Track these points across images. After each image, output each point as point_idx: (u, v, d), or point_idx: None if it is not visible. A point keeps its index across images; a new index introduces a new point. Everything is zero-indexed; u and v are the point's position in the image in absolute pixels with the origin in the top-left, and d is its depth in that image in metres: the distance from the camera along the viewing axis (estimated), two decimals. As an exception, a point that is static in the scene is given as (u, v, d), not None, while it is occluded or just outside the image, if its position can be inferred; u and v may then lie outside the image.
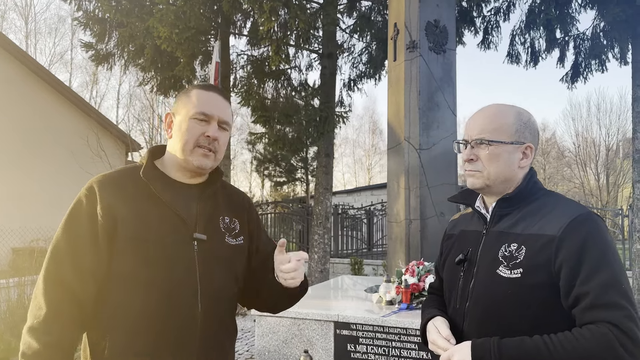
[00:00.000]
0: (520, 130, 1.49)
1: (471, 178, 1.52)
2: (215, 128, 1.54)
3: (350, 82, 11.02)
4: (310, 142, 9.52)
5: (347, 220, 13.94)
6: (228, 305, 1.60)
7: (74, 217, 1.47)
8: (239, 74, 10.14)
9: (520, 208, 1.48)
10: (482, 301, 1.44)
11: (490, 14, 10.17)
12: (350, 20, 10.67)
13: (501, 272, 1.40)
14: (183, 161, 1.54)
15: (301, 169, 20.88)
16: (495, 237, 1.48)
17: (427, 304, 1.73)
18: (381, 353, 3.70)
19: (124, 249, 1.43)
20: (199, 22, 7.87)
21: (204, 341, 1.50)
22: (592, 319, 1.27)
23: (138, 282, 1.43)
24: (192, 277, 1.48)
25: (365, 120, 41.36)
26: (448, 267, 1.63)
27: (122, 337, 1.42)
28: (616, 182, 28.25)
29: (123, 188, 1.49)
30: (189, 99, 1.56)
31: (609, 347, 1.23)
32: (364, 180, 40.76)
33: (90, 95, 29.65)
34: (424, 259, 4.60)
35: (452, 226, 1.73)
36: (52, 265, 1.42)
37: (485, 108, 1.55)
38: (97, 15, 9.25)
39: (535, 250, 1.36)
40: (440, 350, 1.46)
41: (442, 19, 5.25)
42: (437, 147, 5.06)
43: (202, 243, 1.51)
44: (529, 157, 1.50)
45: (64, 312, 1.39)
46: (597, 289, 1.28)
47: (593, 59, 9.55)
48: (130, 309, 1.42)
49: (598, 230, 1.36)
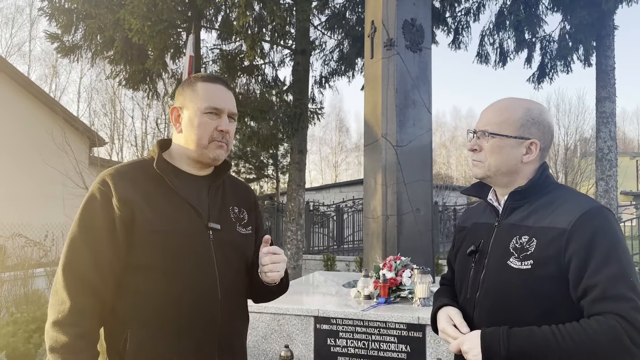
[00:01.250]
0: (526, 125, 1.50)
1: (474, 168, 1.57)
2: (226, 121, 1.57)
3: (321, 79, 11.06)
4: (285, 139, 9.51)
5: (317, 217, 13.98)
6: (243, 292, 1.65)
7: (88, 210, 1.46)
8: (213, 69, 10.01)
9: (532, 201, 1.50)
10: (493, 291, 1.47)
11: (461, 14, 10.37)
12: (323, 17, 10.70)
13: (512, 263, 1.43)
14: (198, 155, 1.57)
15: (271, 166, 20.79)
16: (507, 229, 1.50)
17: (438, 294, 1.76)
18: (361, 347, 3.73)
19: (143, 240, 1.45)
20: (172, 14, 7.74)
21: (225, 328, 1.53)
22: (600, 310, 1.29)
23: (158, 273, 1.45)
24: (211, 266, 1.51)
25: (332, 117, 41.55)
26: (460, 259, 1.67)
27: (144, 329, 1.42)
28: (574, 180, 29.21)
29: (136, 180, 1.51)
30: (196, 92, 1.57)
31: (616, 338, 1.25)
32: (330, 177, 40.95)
33: (49, 89, 28.72)
34: (401, 253, 4.67)
35: (465, 219, 1.76)
36: (70, 259, 1.42)
37: (498, 101, 1.59)
38: (63, 5, 8.97)
39: (546, 243, 1.39)
40: (450, 338, 1.49)
41: (419, 18, 5.32)
42: (413, 144, 5.13)
43: (217, 232, 1.54)
44: (533, 153, 1.51)
45: (87, 304, 1.39)
46: (605, 282, 1.30)
47: (559, 60, 9.85)
48: (151, 300, 1.44)
49: (608, 225, 1.38)
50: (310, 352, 3.82)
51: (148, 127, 23.68)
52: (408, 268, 4.35)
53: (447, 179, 32.06)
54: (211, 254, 1.52)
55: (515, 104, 1.55)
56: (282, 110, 9.07)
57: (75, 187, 8.97)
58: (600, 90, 9.24)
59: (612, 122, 9.20)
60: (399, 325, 3.64)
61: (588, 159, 27.22)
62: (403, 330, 3.63)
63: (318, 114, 9.88)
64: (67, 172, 9.12)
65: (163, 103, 18.98)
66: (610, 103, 9.16)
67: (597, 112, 9.39)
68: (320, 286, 5.24)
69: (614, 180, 9.17)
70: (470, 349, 1.37)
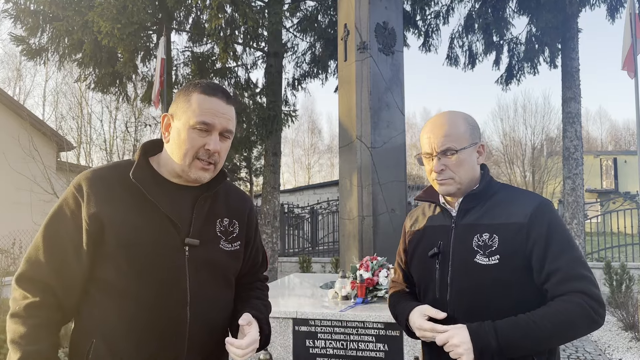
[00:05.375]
0: (472, 132, 1.64)
1: (444, 186, 1.63)
2: (216, 140, 1.43)
3: (294, 82, 11.06)
4: (259, 141, 9.48)
5: (292, 220, 13.97)
6: (223, 314, 1.53)
7: (58, 217, 1.39)
8: (184, 71, 9.92)
9: (483, 202, 1.62)
10: (466, 289, 1.55)
11: (431, 17, 10.53)
12: (295, 19, 10.71)
13: (479, 260, 1.53)
14: (180, 170, 1.45)
15: (244, 169, 20.68)
16: (465, 229, 1.60)
17: (398, 299, 1.80)
18: (339, 347, 3.76)
19: (109, 255, 1.36)
20: (142, 17, 7.63)
21: (194, 351, 1.43)
22: (565, 290, 1.45)
23: (121, 291, 1.36)
24: (182, 286, 1.40)
25: (304, 119, 41.56)
26: (419, 262, 1.72)
27: (108, 343, 1.36)
28: (541, 179, 29.96)
29: (112, 188, 1.40)
30: (189, 103, 1.43)
31: (584, 312, 1.43)
32: (303, 179, 40.95)
33: (13, 92, 27.90)
34: (377, 254, 4.72)
35: (413, 222, 1.83)
36: (30, 267, 1.36)
37: (437, 120, 1.66)
38: (28, 7, 8.74)
39: (508, 237, 1.52)
40: (428, 333, 1.54)
41: (391, 21, 5.39)
42: (387, 145, 5.20)
43: (194, 249, 1.43)
44: (482, 154, 1.67)
45: (46, 299, 1.34)
46: (566, 265, 1.48)
47: (526, 62, 10.09)
48: (114, 317, 1.36)
49: (557, 215, 1.57)
50: (289, 354, 3.83)
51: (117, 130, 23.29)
52: (384, 268, 4.40)
53: (417, 179, 32.45)
54: (184, 272, 1.40)
55: (455, 117, 1.65)
56: (256, 113, 9.04)
57: (43, 193, 8.75)
58: (566, 91, 9.51)
59: (577, 122, 9.48)
60: (376, 325, 3.69)
61: (554, 157, 27.95)
62: (381, 330, 3.68)
63: (292, 116, 9.89)
64: (35, 178, 8.90)
65: (133, 106, 18.67)
66: (575, 103, 9.44)
67: (563, 112, 9.65)
68: (296, 288, 5.25)
69: (580, 178, 9.44)
70: (462, 342, 1.43)
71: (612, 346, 5.92)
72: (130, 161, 1.49)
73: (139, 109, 20.35)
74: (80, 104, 23.03)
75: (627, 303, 6.69)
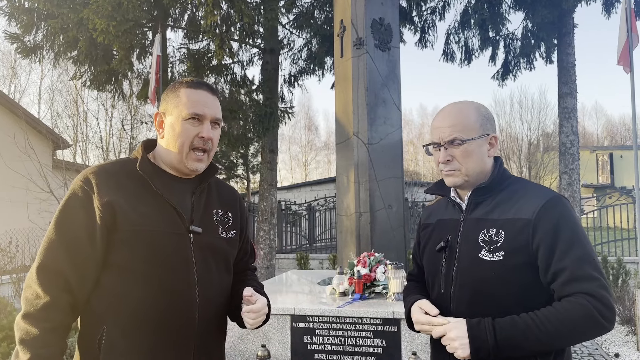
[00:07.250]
0: (483, 123, 1.59)
1: (450, 177, 1.61)
2: (208, 128, 1.55)
3: (291, 78, 11.03)
4: (256, 138, 9.46)
5: (289, 216, 13.97)
6: (224, 298, 1.63)
7: (68, 209, 1.45)
8: (180, 68, 9.88)
9: (494, 195, 1.58)
10: (469, 284, 1.53)
11: (427, 13, 10.52)
12: (291, 16, 10.68)
13: (483, 256, 1.50)
14: (177, 163, 1.56)
15: (241, 166, 20.67)
16: (473, 223, 1.57)
17: (408, 291, 1.80)
18: (337, 343, 3.77)
19: (122, 240, 1.43)
20: (137, 14, 7.60)
21: (201, 332, 1.52)
22: (571, 291, 1.40)
23: (136, 275, 1.43)
24: (190, 269, 1.50)
25: (301, 116, 41.55)
26: (429, 255, 1.71)
27: (120, 328, 1.42)
28: (537, 174, 30.02)
29: (119, 180, 1.49)
30: (179, 98, 1.55)
31: (588, 315, 1.36)
32: (300, 176, 40.96)
33: (8, 90, 27.78)
34: (374, 250, 4.73)
35: (427, 216, 1.81)
36: (46, 258, 1.41)
37: (447, 109, 1.63)
38: (23, 4, 8.70)
39: (514, 234, 1.48)
40: (425, 326, 1.54)
41: (387, 17, 5.39)
42: (384, 141, 5.20)
43: (198, 236, 1.53)
44: (494, 146, 1.61)
45: (60, 298, 1.38)
46: (572, 265, 1.41)
47: (522, 57, 10.09)
48: (128, 300, 1.43)
49: (567, 212, 1.48)
50: (287, 351, 3.83)
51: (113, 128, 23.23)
52: (382, 264, 4.42)
53: (415, 176, 32.51)
54: (191, 257, 1.51)
55: (465, 107, 1.61)
56: (252, 110, 9.01)
57: (39, 191, 8.72)
58: (562, 87, 9.52)
59: (574, 117, 9.50)
60: (374, 321, 3.70)
61: (551, 153, 28.02)
62: (378, 325, 3.69)
63: (289, 113, 9.87)
64: (31, 176, 8.86)
65: (129, 104, 18.62)
66: (571, 99, 9.45)
67: (559, 108, 9.66)
68: (294, 285, 5.25)
69: (577, 173, 9.46)
70: (458, 337, 1.43)
71: (608, 340, 5.95)
72: (131, 158, 1.59)
73: (135, 107, 20.34)
74: (76, 102, 22.99)
75: (623, 297, 6.72)
